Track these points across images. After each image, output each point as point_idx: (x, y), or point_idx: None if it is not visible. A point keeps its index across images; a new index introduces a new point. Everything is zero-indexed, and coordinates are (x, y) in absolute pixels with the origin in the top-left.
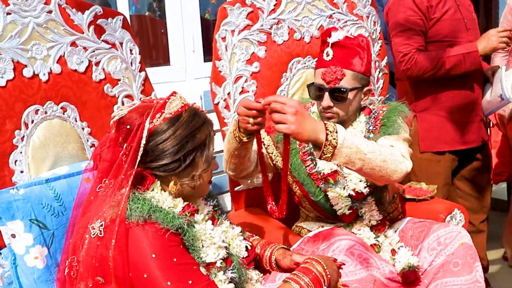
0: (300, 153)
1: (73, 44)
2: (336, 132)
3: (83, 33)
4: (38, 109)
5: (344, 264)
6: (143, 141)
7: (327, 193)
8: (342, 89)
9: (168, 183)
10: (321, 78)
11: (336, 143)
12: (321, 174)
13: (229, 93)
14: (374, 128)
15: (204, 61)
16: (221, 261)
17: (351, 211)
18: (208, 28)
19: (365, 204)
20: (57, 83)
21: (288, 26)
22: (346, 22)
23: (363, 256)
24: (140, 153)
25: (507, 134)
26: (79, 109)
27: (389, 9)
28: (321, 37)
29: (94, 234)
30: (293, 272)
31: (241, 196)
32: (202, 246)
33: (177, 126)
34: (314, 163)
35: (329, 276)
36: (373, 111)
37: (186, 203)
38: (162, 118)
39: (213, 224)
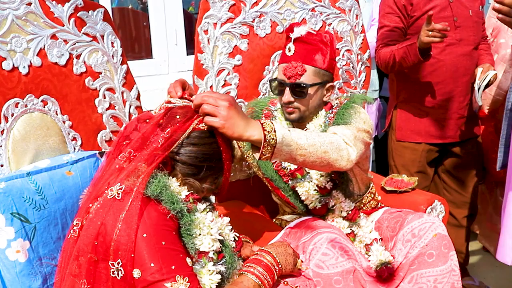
0: None
1: (54, 36)
2: (275, 131)
3: (63, 25)
4: (18, 103)
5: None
6: (185, 135)
7: (296, 188)
8: (302, 85)
9: (175, 175)
10: (283, 73)
11: (275, 142)
12: (288, 170)
13: (211, 86)
14: (329, 122)
15: (187, 54)
16: (214, 252)
17: (321, 204)
18: (191, 21)
19: (332, 197)
20: (37, 76)
21: (271, 19)
22: (328, 15)
23: (344, 249)
24: (177, 143)
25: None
26: (60, 102)
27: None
28: (285, 32)
29: (111, 195)
30: (245, 264)
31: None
32: (199, 234)
33: (215, 141)
34: None
35: (280, 264)
36: (334, 106)
37: (190, 191)
38: (208, 126)
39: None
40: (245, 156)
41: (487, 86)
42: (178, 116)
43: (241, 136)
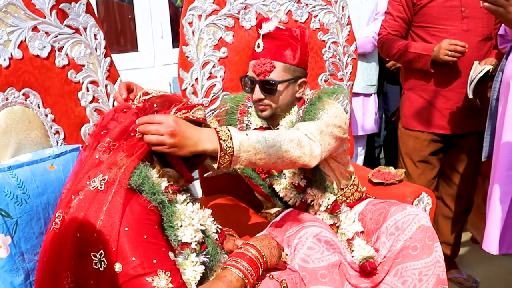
0: None
1: (35, 29)
2: (231, 139)
3: (45, 17)
4: None
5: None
6: None
7: (273, 186)
8: (271, 82)
9: (154, 166)
10: (252, 70)
11: (233, 151)
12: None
13: (196, 79)
14: (298, 119)
15: (173, 47)
16: (196, 243)
17: (300, 201)
18: (177, 14)
19: (308, 194)
20: (19, 68)
21: (256, 11)
22: (314, 7)
23: (329, 242)
24: None
25: None
26: (42, 95)
27: None
28: (255, 28)
29: (93, 186)
30: (229, 258)
31: (211, 182)
32: (181, 225)
33: None
34: None
35: (265, 257)
36: (306, 102)
37: (170, 182)
38: (185, 116)
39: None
40: None
41: (484, 79)
42: (155, 105)
43: (195, 152)
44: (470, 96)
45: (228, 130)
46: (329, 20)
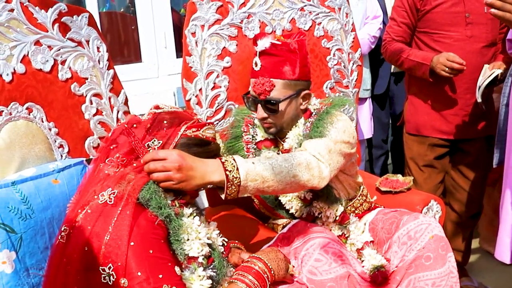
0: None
1: (37, 43)
2: (237, 169)
3: (47, 31)
4: (2, 111)
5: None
6: (173, 145)
7: (280, 198)
8: (272, 101)
9: None
10: (252, 89)
11: (239, 181)
12: None
13: (200, 89)
14: (306, 133)
15: (177, 57)
16: (203, 257)
17: (307, 213)
18: (181, 22)
19: (315, 207)
20: (22, 83)
21: (259, 20)
22: (318, 14)
23: (337, 254)
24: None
25: None
26: (46, 109)
27: None
28: (252, 44)
29: (102, 200)
30: (235, 272)
31: (217, 193)
32: (187, 239)
33: (203, 150)
34: None
35: (272, 270)
36: (313, 113)
37: (176, 196)
38: (195, 135)
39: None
40: None
41: (493, 84)
42: (165, 122)
43: (202, 185)
44: (479, 100)
45: (234, 160)
46: (333, 27)
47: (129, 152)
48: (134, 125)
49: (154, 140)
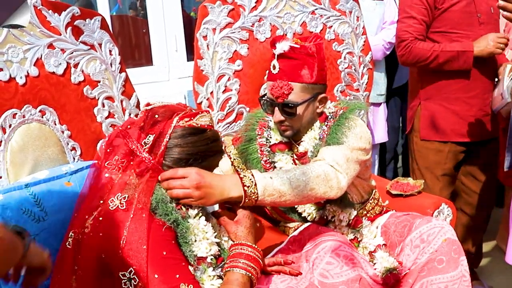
0: (262, 162)
1: (50, 46)
2: (255, 185)
3: (60, 34)
4: (16, 113)
5: None
6: (167, 137)
7: None
8: (290, 105)
9: None
10: (270, 92)
11: (257, 197)
12: None
13: (212, 92)
14: (322, 137)
15: (188, 60)
16: (212, 257)
17: (319, 216)
18: (192, 27)
19: (328, 210)
20: (35, 86)
21: (270, 23)
22: (329, 17)
23: (348, 257)
24: (162, 148)
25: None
26: (58, 112)
27: None
28: (270, 46)
29: (113, 206)
30: (228, 261)
31: None
32: (195, 240)
33: (199, 138)
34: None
35: (258, 255)
36: (329, 116)
37: None
38: (188, 124)
39: (206, 221)
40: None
41: None
42: (157, 116)
43: (221, 200)
44: (509, 99)
45: (253, 175)
46: (344, 31)
47: (127, 154)
48: (129, 126)
49: (149, 137)
